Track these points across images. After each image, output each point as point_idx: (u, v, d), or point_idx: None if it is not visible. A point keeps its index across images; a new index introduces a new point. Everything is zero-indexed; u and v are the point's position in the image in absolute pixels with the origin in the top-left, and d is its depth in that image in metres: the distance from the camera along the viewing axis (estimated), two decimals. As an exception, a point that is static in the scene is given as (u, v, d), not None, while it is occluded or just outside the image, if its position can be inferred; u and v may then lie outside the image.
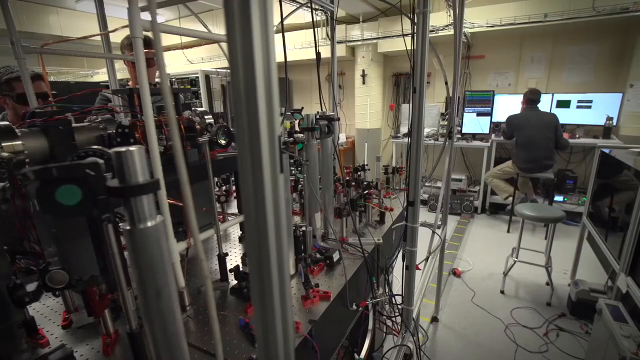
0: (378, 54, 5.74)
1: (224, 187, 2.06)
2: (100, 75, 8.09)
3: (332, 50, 2.10)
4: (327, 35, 2.20)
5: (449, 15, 4.23)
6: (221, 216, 1.73)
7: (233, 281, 1.22)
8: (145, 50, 1.34)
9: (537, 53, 5.13)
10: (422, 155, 1.32)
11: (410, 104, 1.31)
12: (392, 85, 6.36)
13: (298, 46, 5.81)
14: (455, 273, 3.55)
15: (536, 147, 4.21)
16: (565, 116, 4.66)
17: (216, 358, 0.42)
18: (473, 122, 5.18)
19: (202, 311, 1.12)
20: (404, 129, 5.90)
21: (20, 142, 0.98)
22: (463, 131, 5.21)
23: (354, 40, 5.62)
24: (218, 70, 4.32)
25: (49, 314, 1.13)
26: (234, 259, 1.42)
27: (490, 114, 5.08)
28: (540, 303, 3.03)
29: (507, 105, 5.02)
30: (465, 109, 5.15)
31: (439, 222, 2.42)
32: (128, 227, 0.49)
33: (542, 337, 2.62)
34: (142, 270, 0.51)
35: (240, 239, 1.60)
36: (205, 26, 2.30)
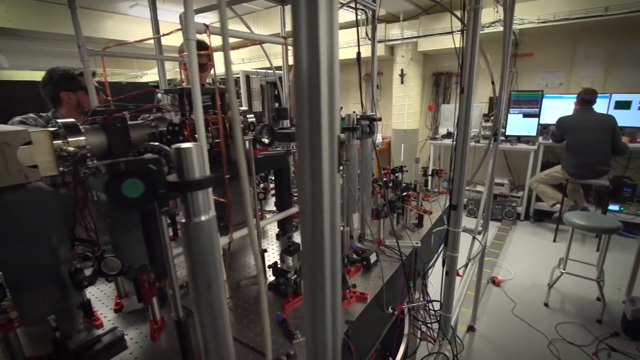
0: (418, 53, 5.61)
1: (261, 185, 2.11)
2: (149, 76, 8.58)
3: (372, 50, 2.07)
4: (367, 34, 2.18)
5: (497, 12, 4.04)
6: (259, 213, 1.77)
7: (270, 277, 1.25)
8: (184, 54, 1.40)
9: (593, 50, 4.76)
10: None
11: (457, 104, 1.27)
12: (431, 85, 6.19)
13: (335, 46, 5.81)
14: (495, 282, 3.39)
15: (589, 151, 3.91)
16: (624, 118, 4.27)
17: (265, 353, 0.43)
18: (518, 124, 4.91)
19: (241, 304, 1.15)
20: (443, 130, 5.71)
21: (83, 138, 1.06)
22: (507, 133, 4.96)
23: (394, 40, 5.52)
24: (258, 70, 4.43)
25: (103, 298, 1.22)
26: (272, 256, 1.45)
27: (538, 116, 4.79)
28: (590, 319, 2.81)
29: (557, 106, 4.70)
30: (510, 109, 4.89)
31: (480, 228, 2.32)
32: (183, 220, 0.52)
33: (591, 357, 2.43)
34: (194, 263, 0.53)
35: (278, 236, 1.63)
36: (249, 27, 2.37)
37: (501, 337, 2.67)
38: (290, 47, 1.19)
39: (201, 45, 2.19)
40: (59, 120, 1.05)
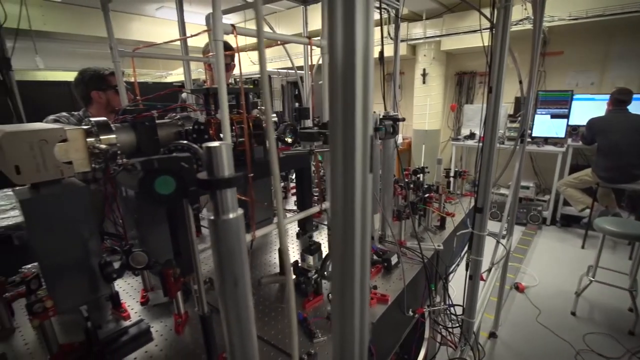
0: (441, 52, 5.51)
1: (282, 184, 2.13)
2: (173, 76, 8.81)
3: (395, 50, 2.05)
4: (389, 34, 2.16)
5: (525, 9, 3.90)
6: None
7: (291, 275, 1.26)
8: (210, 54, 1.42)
9: (628, 48, 4.53)
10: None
11: (483, 105, 1.23)
12: (454, 85, 6.06)
13: (356, 46, 5.78)
14: (518, 288, 3.28)
15: (623, 154, 3.73)
16: (661, 120, 4.04)
17: (292, 354, 0.43)
18: (546, 125, 4.74)
19: (262, 302, 1.16)
20: (466, 131, 5.58)
21: (114, 136, 1.10)
22: (533, 134, 4.79)
23: (416, 39, 5.44)
24: (279, 70, 4.47)
25: (129, 291, 1.26)
26: (292, 255, 1.45)
27: (567, 116, 4.60)
28: (621, 331, 2.68)
29: (588, 107, 4.51)
30: (537, 110, 4.72)
31: (504, 232, 2.25)
32: (212, 218, 0.53)
33: (623, 370, 2.32)
34: (222, 259, 0.54)
35: (298, 235, 1.64)
36: (271, 28, 2.39)
37: (524, 345, 2.59)
38: (315, 47, 1.20)
39: (225, 46, 2.24)
40: (92, 119, 1.09)
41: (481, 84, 5.84)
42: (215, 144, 0.47)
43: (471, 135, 5.47)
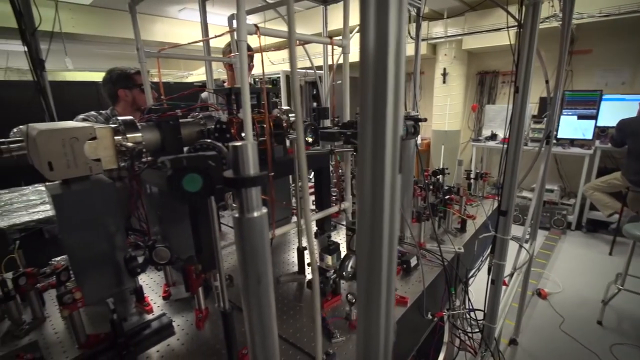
0: (462, 51, 5.39)
1: (299, 184, 2.13)
2: (194, 76, 8.99)
3: (416, 50, 2.02)
4: (409, 33, 2.13)
5: (552, 6, 3.77)
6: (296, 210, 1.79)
7: (309, 275, 1.26)
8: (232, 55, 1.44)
9: (663, 46, 4.32)
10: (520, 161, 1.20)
11: (509, 105, 1.20)
12: (475, 85, 5.92)
13: (376, 45, 5.73)
14: (541, 294, 3.18)
15: (656, 158, 3.55)
16: (699, 122, 3.83)
17: (316, 353, 0.43)
18: (572, 126, 4.57)
19: (280, 300, 1.17)
20: (487, 132, 5.45)
21: (140, 135, 1.13)
22: (558, 136, 4.63)
23: (437, 38, 5.35)
24: (298, 70, 4.50)
25: (152, 285, 1.29)
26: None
27: (595, 117, 4.42)
28: (652, 342, 2.56)
29: (618, 108, 4.32)
30: (563, 110, 4.56)
31: (527, 236, 2.19)
32: (237, 216, 0.53)
33: (653, 383, 2.21)
34: (246, 257, 0.55)
35: (316, 235, 1.64)
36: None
37: (546, 353, 2.51)
38: (336, 47, 1.20)
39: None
40: (119, 118, 1.13)
41: (504, 84, 5.69)
42: (242, 143, 0.48)
43: (492, 137, 5.33)
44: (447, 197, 1.67)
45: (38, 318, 1.08)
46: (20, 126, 1.17)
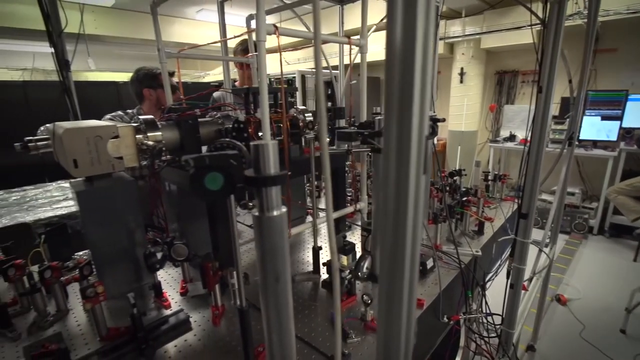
0: (480, 50, 5.29)
1: (315, 183, 2.13)
2: (211, 76, 9.13)
3: (434, 49, 1.99)
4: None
5: (575, 3, 3.66)
6: (311, 210, 1.80)
7: (324, 275, 1.26)
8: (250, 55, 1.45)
9: (695, 43, 4.12)
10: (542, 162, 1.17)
11: (531, 105, 1.17)
12: (493, 85, 5.80)
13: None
14: (560, 300, 3.09)
15: (685, 161, 3.40)
16: None
17: (335, 352, 0.43)
18: (595, 127, 4.42)
19: (295, 299, 1.17)
20: (505, 133, 5.34)
21: (160, 133, 1.15)
22: (581, 137, 4.49)
23: (454, 37, 5.27)
24: (313, 70, 4.52)
25: (170, 281, 1.32)
26: (325, 254, 1.46)
27: (620, 118, 4.26)
28: (679, 354, 2.45)
29: (645, 108, 4.15)
30: (586, 111, 4.42)
31: (547, 240, 2.13)
32: (257, 214, 0.54)
33: (680, 396, 2.12)
34: (265, 255, 0.55)
35: (330, 235, 1.64)
36: (308, 28, 2.41)
37: (566, 361, 2.44)
38: (354, 47, 1.19)
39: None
40: (140, 117, 1.16)
41: (524, 83, 5.55)
42: (263, 142, 0.48)
43: (511, 137, 5.22)
44: (464, 198, 1.64)
45: (62, 310, 1.12)
46: (47, 125, 1.21)
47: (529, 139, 1.20)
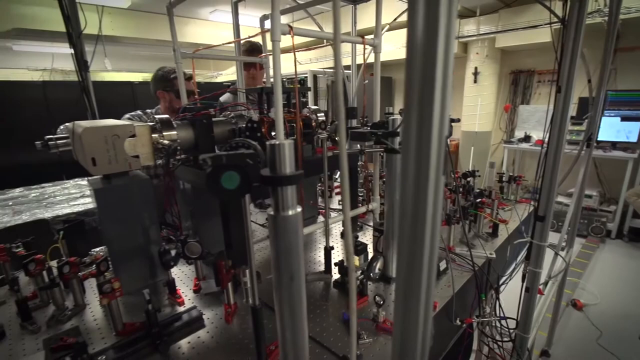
0: (495, 49, 5.20)
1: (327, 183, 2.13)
2: (223, 76, 9.22)
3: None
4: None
5: (595, 1, 3.57)
6: (323, 210, 1.80)
7: (335, 275, 1.26)
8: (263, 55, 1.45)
9: None
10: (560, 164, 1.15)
11: (549, 106, 1.15)
12: (508, 84, 5.70)
13: (399, 45, 5.61)
14: (576, 305, 3.02)
15: None
16: None
17: (350, 353, 0.43)
18: (614, 128, 4.31)
19: (306, 299, 1.17)
20: (520, 133, 5.24)
21: (175, 133, 1.17)
22: (598, 138, 4.37)
23: (469, 36, 5.19)
24: (325, 70, 4.50)
25: (183, 279, 1.34)
26: (336, 254, 1.46)
27: (640, 119, 4.14)
28: (702, 363, 2.37)
29: (668, 109, 4.02)
30: (605, 111, 4.30)
31: (563, 243, 2.08)
32: (272, 213, 0.54)
33: (703, 407, 2.05)
34: (280, 254, 0.56)
35: (342, 235, 1.64)
36: (320, 28, 2.41)
37: (582, 367, 2.38)
38: (367, 46, 1.19)
39: (257, 49, 2.27)
40: (156, 116, 1.18)
41: (540, 83, 5.44)
42: (280, 142, 0.49)
43: (526, 138, 5.12)
44: (478, 200, 1.62)
45: (79, 305, 1.14)
46: (67, 123, 1.24)
47: (546, 140, 1.17)
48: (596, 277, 3.50)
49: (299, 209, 0.54)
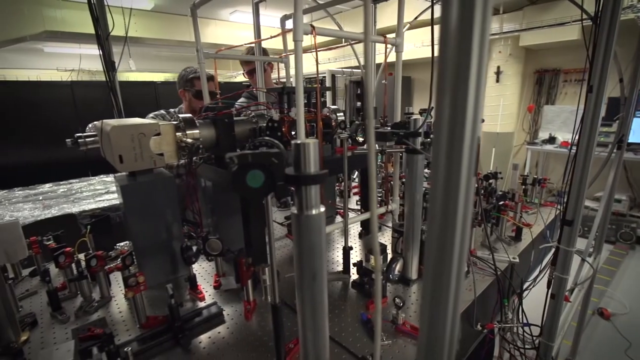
0: (519, 48, 5.06)
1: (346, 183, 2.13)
2: (242, 76, 9.33)
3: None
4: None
5: (627, -4, 3.42)
6: (342, 210, 1.80)
7: (354, 275, 1.25)
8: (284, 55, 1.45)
9: None
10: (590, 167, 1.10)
11: (578, 106, 1.11)
12: (532, 84, 5.52)
13: (418, 44, 5.52)
14: (603, 314, 2.90)
15: None
16: None
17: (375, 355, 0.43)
18: (646, 130, 4.11)
19: (324, 298, 1.17)
20: (544, 134, 5.07)
21: (197, 131, 1.19)
22: (629, 140, 4.17)
23: (491, 34, 5.05)
24: (344, 70, 4.49)
25: (204, 275, 1.36)
26: (354, 254, 1.45)
27: (676, 121, 3.93)
28: None
29: None
30: (637, 112, 4.10)
31: (590, 249, 2.00)
32: (296, 212, 0.54)
33: None
34: (302, 253, 0.56)
35: (360, 235, 1.63)
36: (340, 27, 2.41)
37: (609, 379, 2.28)
38: (389, 46, 1.18)
39: (263, 51, 2.26)
40: (180, 115, 1.20)
41: (566, 83, 5.25)
42: (305, 141, 0.49)
43: (551, 139, 4.95)
44: (500, 202, 1.57)
45: (105, 297, 1.18)
46: (95, 122, 1.29)
47: (575, 141, 1.13)
48: (625, 285, 3.35)
49: (323, 209, 0.54)
